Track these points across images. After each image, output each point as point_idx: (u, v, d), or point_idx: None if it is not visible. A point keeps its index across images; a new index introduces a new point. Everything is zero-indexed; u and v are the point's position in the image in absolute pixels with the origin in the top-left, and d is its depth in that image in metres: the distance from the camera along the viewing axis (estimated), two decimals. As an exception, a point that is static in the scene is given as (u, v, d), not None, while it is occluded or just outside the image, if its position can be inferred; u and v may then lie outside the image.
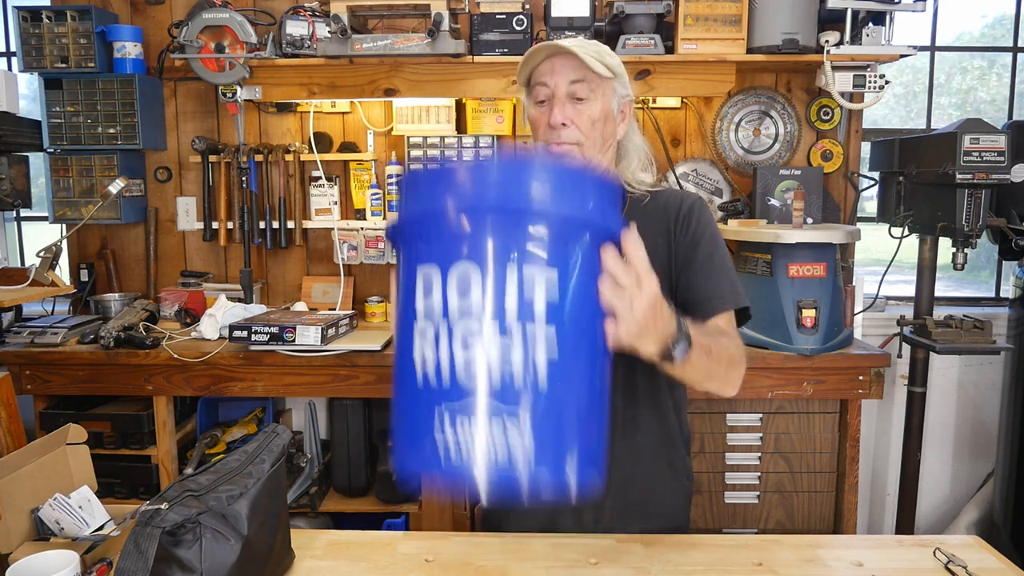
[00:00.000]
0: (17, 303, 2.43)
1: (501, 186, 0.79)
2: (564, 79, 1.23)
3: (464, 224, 0.78)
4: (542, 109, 1.25)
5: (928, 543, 1.22)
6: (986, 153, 2.26)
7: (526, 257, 0.78)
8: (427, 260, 0.80)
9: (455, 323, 0.77)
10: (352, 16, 2.54)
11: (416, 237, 0.83)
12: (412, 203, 0.84)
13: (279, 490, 1.12)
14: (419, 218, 0.82)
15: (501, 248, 0.77)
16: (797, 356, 2.31)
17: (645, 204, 1.30)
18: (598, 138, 1.25)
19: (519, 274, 0.77)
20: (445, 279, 0.78)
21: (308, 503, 2.59)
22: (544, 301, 0.78)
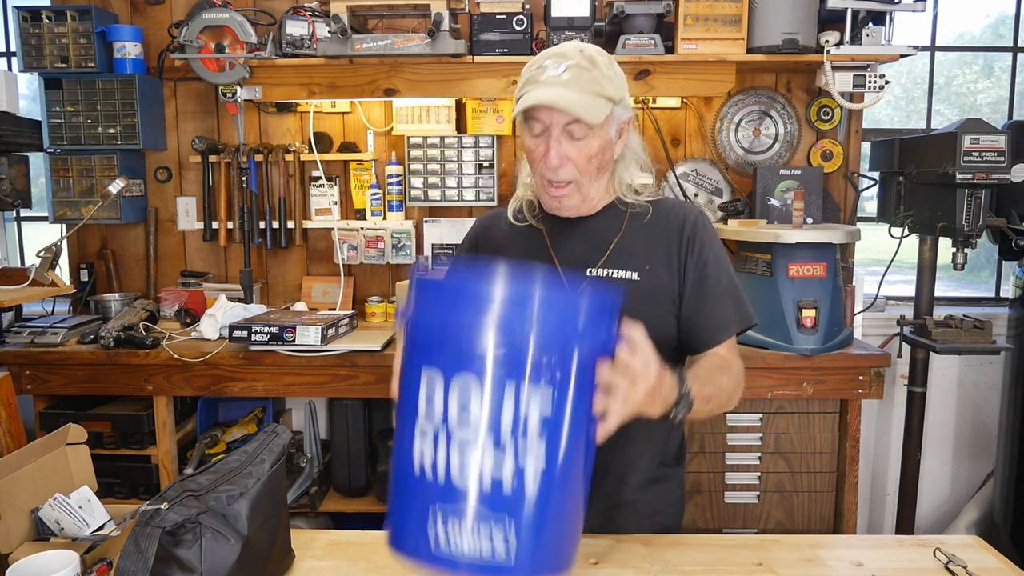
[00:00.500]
0: (17, 303, 2.43)
1: (503, 305, 0.84)
2: (560, 118, 1.17)
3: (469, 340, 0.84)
4: (537, 142, 1.21)
5: (928, 543, 1.22)
6: (986, 153, 2.26)
7: (523, 375, 0.84)
8: (431, 363, 0.86)
9: (453, 431, 0.84)
10: (352, 16, 2.54)
11: (423, 338, 0.89)
12: (422, 306, 0.89)
13: (279, 490, 1.12)
14: (427, 323, 0.87)
15: (501, 365, 0.84)
16: (797, 356, 2.31)
17: (647, 219, 1.29)
18: (594, 171, 1.23)
19: (516, 391, 0.83)
20: (447, 388, 0.84)
21: (308, 503, 2.59)
22: (538, 418, 0.84)
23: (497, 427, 0.83)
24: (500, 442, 0.83)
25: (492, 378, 0.83)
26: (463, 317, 0.84)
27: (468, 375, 0.83)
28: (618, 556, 1.18)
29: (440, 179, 2.81)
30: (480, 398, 0.83)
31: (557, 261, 1.30)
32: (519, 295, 0.84)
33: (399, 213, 2.86)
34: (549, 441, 0.85)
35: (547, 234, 1.32)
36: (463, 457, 0.83)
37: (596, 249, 1.28)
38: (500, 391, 0.83)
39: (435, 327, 0.86)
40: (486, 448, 0.83)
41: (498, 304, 0.84)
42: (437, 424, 0.84)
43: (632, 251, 1.27)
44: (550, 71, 1.17)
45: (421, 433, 0.86)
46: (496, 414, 0.83)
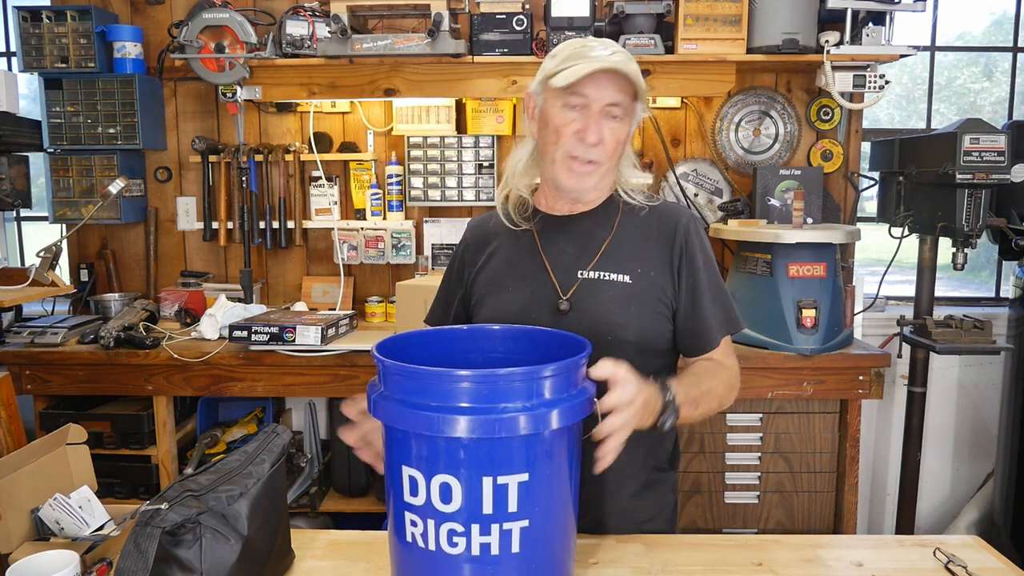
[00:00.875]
0: (17, 303, 2.43)
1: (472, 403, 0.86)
2: (607, 96, 1.19)
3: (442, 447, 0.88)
4: (571, 116, 1.20)
5: (928, 543, 1.22)
6: (986, 153, 2.26)
7: (498, 467, 0.88)
8: (410, 464, 0.90)
9: (439, 523, 0.89)
10: (352, 16, 2.54)
11: (397, 440, 0.92)
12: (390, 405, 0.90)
13: (279, 490, 1.12)
14: (400, 424, 0.90)
15: (475, 465, 0.87)
16: (797, 356, 2.31)
17: (640, 220, 1.29)
18: (615, 159, 1.25)
19: (493, 480, 0.87)
20: (428, 486, 0.88)
21: (308, 503, 2.59)
22: (517, 503, 0.89)
23: (479, 508, 0.88)
24: (484, 518, 0.88)
25: (469, 476, 0.87)
26: (432, 422, 0.86)
27: (446, 476, 0.87)
28: (618, 556, 1.18)
29: (440, 179, 2.81)
30: (460, 491, 0.87)
31: (548, 263, 1.29)
32: (485, 388, 0.86)
33: (399, 213, 2.86)
34: (530, 503, 0.89)
35: (537, 235, 1.31)
36: (452, 546, 0.89)
37: (587, 250, 1.28)
38: (478, 483, 0.87)
39: (408, 432, 0.89)
40: (471, 525, 0.88)
41: (466, 403, 0.86)
42: (422, 507, 0.90)
43: (624, 253, 1.27)
44: (598, 50, 1.19)
45: (411, 523, 0.91)
46: (476, 499, 0.88)
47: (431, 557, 0.90)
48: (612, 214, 1.30)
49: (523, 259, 1.31)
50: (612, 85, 1.19)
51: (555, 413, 0.88)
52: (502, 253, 1.33)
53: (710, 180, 2.90)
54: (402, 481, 0.91)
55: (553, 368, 0.89)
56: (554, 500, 0.93)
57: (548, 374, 0.88)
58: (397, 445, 0.92)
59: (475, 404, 0.85)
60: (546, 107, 1.24)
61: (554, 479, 0.92)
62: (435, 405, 0.86)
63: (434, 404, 0.86)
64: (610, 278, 1.25)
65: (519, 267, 1.30)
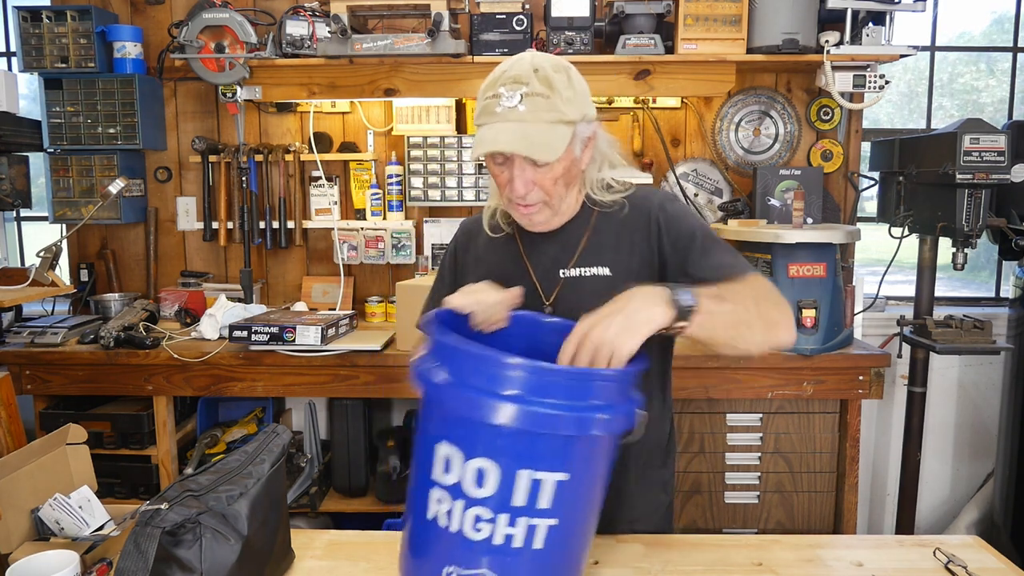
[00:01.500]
0: (17, 303, 2.43)
1: (524, 392, 0.85)
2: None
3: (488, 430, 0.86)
4: (501, 169, 1.19)
5: (928, 543, 1.22)
6: (986, 153, 2.26)
7: (539, 463, 0.87)
8: (451, 441, 0.88)
9: (468, 507, 0.88)
10: (352, 16, 2.54)
11: (441, 413, 0.91)
12: (440, 376, 0.89)
13: (279, 490, 1.12)
14: (447, 398, 0.88)
15: (518, 455, 0.86)
16: (797, 356, 2.31)
17: (617, 210, 1.27)
18: (562, 188, 1.22)
19: (530, 476, 0.86)
20: (464, 465, 0.87)
21: (308, 503, 2.59)
22: (550, 501, 0.88)
23: (510, 500, 0.87)
24: (513, 509, 0.87)
25: (507, 465, 0.86)
26: (482, 403, 0.84)
27: (487, 460, 0.86)
28: (618, 556, 1.18)
29: (440, 179, 2.81)
30: (497, 478, 0.86)
31: (531, 267, 1.29)
32: (540, 381, 0.85)
33: (399, 213, 2.86)
34: (562, 503, 0.88)
35: (520, 240, 1.32)
36: (477, 532, 0.87)
37: (567, 249, 1.27)
38: (514, 474, 0.86)
39: (454, 407, 0.88)
40: (500, 514, 0.87)
41: (519, 391, 0.84)
42: (453, 486, 0.88)
43: (603, 247, 1.26)
44: (504, 101, 1.13)
45: (436, 501, 0.90)
46: (510, 491, 0.86)
47: (450, 538, 0.89)
48: (588, 216, 1.29)
49: (507, 264, 1.32)
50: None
51: (607, 419, 0.87)
52: (488, 257, 1.35)
53: (710, 180, 2.90)
54: (435, 457, 0.89)
55: (611, 374, 0.89)
56: (584, 503, 0.93)
57: (604, 379, 0.88)
58: (439, 420, 0.90)
59: (529, 395, 0.84)
60: (487, 164, 1.24)
61: (588, 483, 0.92)
62: (489, 388, 0.85)
63: (486, 387, 0.85)
64: (591, 272, 1.25)
65: (503, 272, 1.30)
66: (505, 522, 0.87)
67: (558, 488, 0.87)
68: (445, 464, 0.89)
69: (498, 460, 0.86)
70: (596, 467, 0.92)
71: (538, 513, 0.88)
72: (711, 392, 2.34)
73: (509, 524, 0.87)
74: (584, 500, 0.92)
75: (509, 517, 0.87)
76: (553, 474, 0.87)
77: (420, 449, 0.93)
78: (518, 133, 1.12)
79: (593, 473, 0.92)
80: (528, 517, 0.87)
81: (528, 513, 0.87)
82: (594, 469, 0.92)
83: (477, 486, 0.87)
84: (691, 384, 2.34)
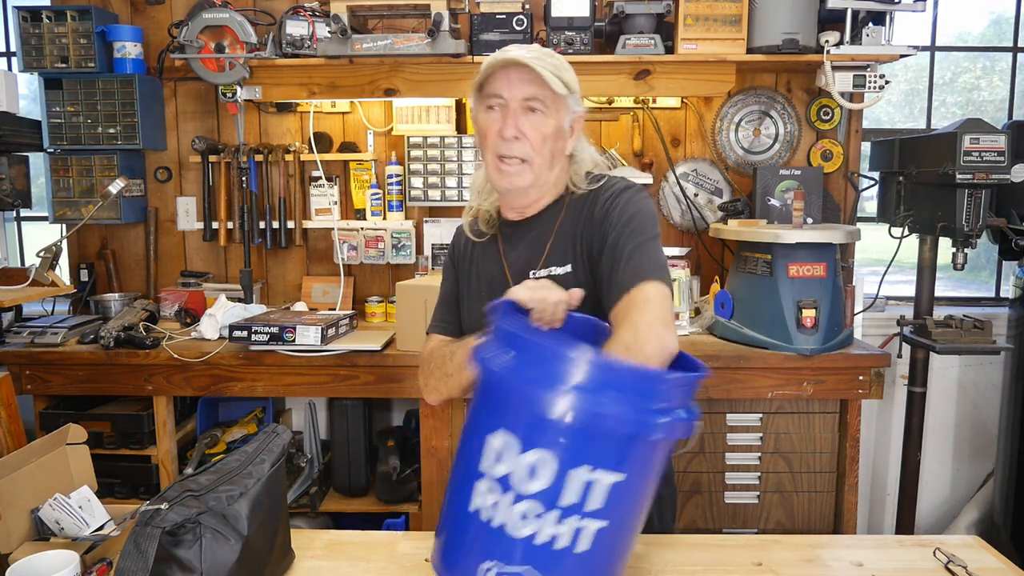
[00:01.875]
0: (17, 303, 2.43)
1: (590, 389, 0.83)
2: (520, 91, 1.20)
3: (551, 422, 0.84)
4: (492, 116, 1.23)
5: (928, 543, 1.22)
6: (986, 153, 2.26)
7: (597, 460, 0.85)
8: (508, 429, 0.87)
9: (517, 501, 0.85)
10: (352, 16, 2.54)
11: (503, 399, 0.89)
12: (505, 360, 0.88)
13: (279, 490, 1.12)
14: (511, 384, 0.87)
15: (577, 451, 0.84)
16: (797, 356, 2.31)
17: (581, 207, 1.28)
18: (547, 155, 1.24)
19: (585, 474, 0.84)
20: (520, 455, 0.85)
21: (308, 503, 2.59)
22: (602, 502, 0.86)
23: (560, 497, 0.85)
24: (564, 507, 0.85)
25: (565, 459, 0.84)
26: (547, 393, 0.83)
27: (545, 452, 0.84)
28: (618, 556, 1.18)
29: (440, 179, 2.81)
30: (551, 473, 0.84)
31: (507, 269, 1.31)
32: (606, 377, 0.84)
33: (399, 213, 2.86)
34: (614, 505, 0.87)
35: (500, 242, 1.34)
36: (524, 528, 0.85)
37: (537, 250, 1.29)
38: (568, 471, 0.84)
39: (518, 394, 0.86)
40: (549, 511, 0.85)
41: (585, 385, 0.83)
42: (503, 478, 0.86)
43: (566, 244, 1.27)
44: (512, 51, 1.20)
45: (481, 493, 0.88)
46: (561, 487, 0.85)
47: (492, 533, 0.87)
48: (558, 211, 1.30)
49: (490, 266, 1.34)
50: (524, 81, 1.21)
51: (670, 424, 0.86)
52: (478, 260, 1.37)
53: (710, 180, 2.90)
54: (485, 447, 0.88)
55: (679, 378, 0.88)
56: (635, 507, 0.92)
57: (672, 382, 0.87)
58: (498, 408, 0.89)
59: (592, 390, 0.83)
60: (475, 114, 1.28)
61: (641, 487, 0.90)
62: (552, 380, 0.83)
63: (551, 379, 0.84)
64: (555, 272, 1.26)
65: (487, 274, 1.34)
66: (553, 520, 0.85)
67: (612, 489, 0.86)
68: (497, 455, 0.87)
69: (555, 454, 0.84)
70: (651, 471, 0.91)
71: (588, 514, 0.86)
72: (711, 392, 2.34)
73: (557, 522, 0.85)
74: (635, 504, 0.91)
75: (559, 515, 0.85)
76: (609, 474, 0.85)
77: (469, 438, 0.91)
78: (530, 55, 1.19)
79: (647, 477, 0.91)
80: (578, 517, 0.85)
81: (578, 512, 0.85)
82: (649, 473, 0.91)
83: (529, 479, 0.84)
84: (691, 384, 2.33)
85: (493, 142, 1.23)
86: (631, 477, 0.87)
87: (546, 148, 1.23)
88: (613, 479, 0.85)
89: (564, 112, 1.24)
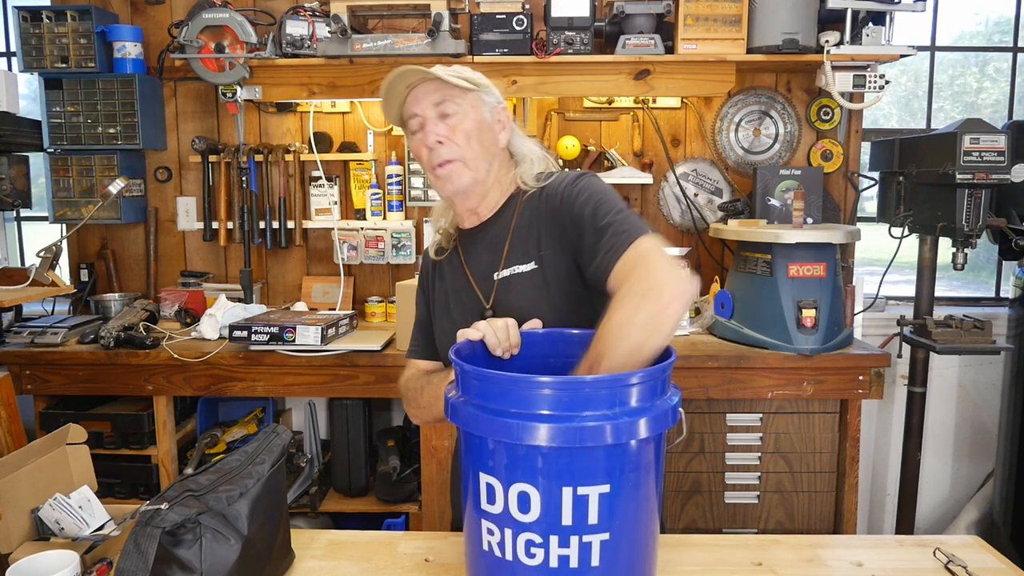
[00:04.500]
0: (17, 303, 2.43)
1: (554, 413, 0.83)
2: (428, 102, 1.25)
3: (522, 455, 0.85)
4: (418, 137, 1.27)
5: (928, 543, 1.22)
6: (986, 153, 2.26)
7: (578, 478, 0.85)
8: (488, 471, 0.88)
9: (517, 533, 0.87)
10: (352, 16, 2.54)
11: (476, 445, 0.90)
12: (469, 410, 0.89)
13: (279, 490, 1.12)
14: (478, 430, 0.88)
15: (556, 475, 0.85)
16: (797, 356, 2.31)
17: (535, 203, 1.28)
18: (479, 150, 1.26)
19: (573, 491, 0.85)
20: (506, 494, 0.86)
21: (308, 503, 2.59)
22: (598, 515, 0.86)
23: (557, 519, 0.85)
24: (563, 529, 0.86)
25: (548, 485, 0.85)
26: (506, 430, 0.84)
27: (524, 484, 0.85)
28: (618, 556, 1.18)
29: (440, 179, 2.80)
30: (539, 501, 0.85)
31: (470, 275, 1.32)
32: (567, 396, 0.84)
33: (399, 213, 2.86)
34: (611, 515, 0.87)
35: (461, 251, 1.35)
36: (528, 545, 0.86)
37: (496, 251, 1.29)
38: (557, 493, 0.85)
39: (482, 436, 0.87)
40: (549, 536, 0.86)
41: (543, 407, 0.83)
42: (500, 515, 0.88)
43: (526, 241, 1.26)
44: (401, 67, 1.23)
45: (488, 531, 0.89)
46: (555, 511, 0.85)
47: (508, 567, 0.88)
48: (511, 211, 1.31)
49: (455, 277, 1.35)
50: (429, 91, 1.25)
51: (641, 422, 0.85)
52: (441, 274, 1.39)
53: (710, 180, 2.90)
54: (480, 488, 0.89)
55: (640, 376, 0.86)
56: (636, 512, 0.90)
57: (635, 382, 0.86)
58: (475, 451, 0.90)
59: (557, 412, 0.83)
60: (410, 147, 1.35)
61: (636, 490, 0.89)
62: (515, 412, 0.84)
63: (514, 411, 0.84)
64: (519, 271, 1.26)
65: (453, 285, 1.35)
66: (557, 544, 0.86)
67: (602, 501, 0.85)
68: (489, 493, 0.88)
69: (537, 482, 0.85)
70: (642, 474, 0.89)
71: (589, 530, 0.86)
72: (711, 392, 2.34)
73: (561, 545, 0.86)
74: (635, 510, 0.90)
75: (559, 538, 0.86)
76: (595, 487, 0.85)
77: (466, 475, 0.93)
78: (421, 66, 1.24)
79: (640, 480, 0.89)
80: (579, 535, 0.86)
81: (577, 531, 0.86)
82: (640, 476, 0.89)
83: (522, 512, 0.85)
84: (691, 384, 2.34)
85: (426, 157, 1.27)
86: (618, 485, 0.87)
87: (473, 143, 1.25)
88: (601, 491, 0.85)
89: (480, 106, 1.27)
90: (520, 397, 0.84)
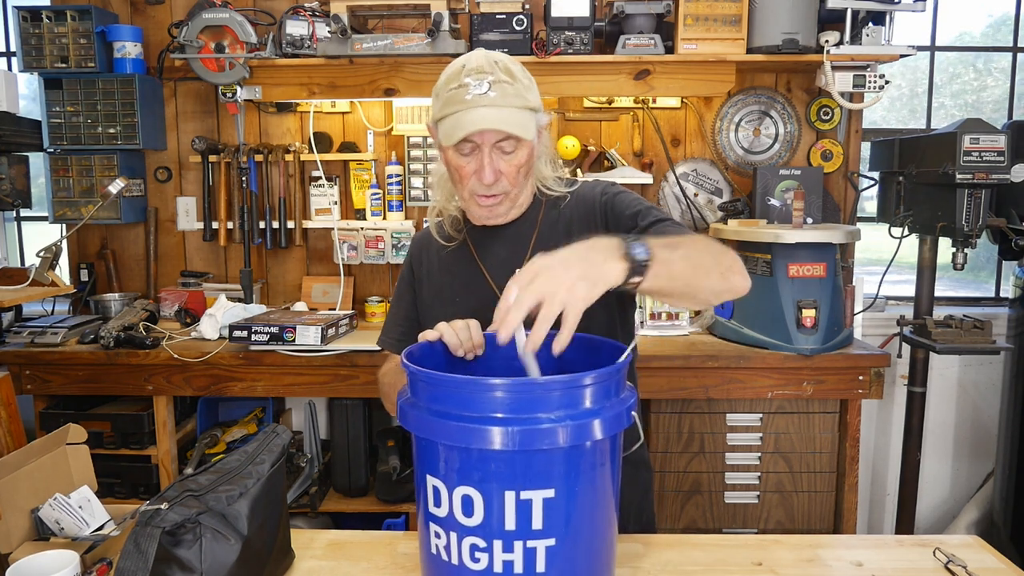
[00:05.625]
0: (17, 303, 2.43)
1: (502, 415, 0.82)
2: (492, 136, 1.18)
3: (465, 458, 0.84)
4: (467, 160, 1.21)
5: (928, 543, 1.22)
6: (986, 153, 2.26)
7: (522, 483, 0.84)
8: (433, 475, 0.88)
9: (462, 537, 0.86)
10: (352, 16, 2.54)
11: (422, 449, 0.90)
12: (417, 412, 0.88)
13: (279, 490, 1.12)
14: (424, 432, 0.87)
15: (500, 478, 0.84)
16: (797, 356, 2.31)
17: (564, 207, 1.30)
18: (523, 179, 1.25)
19: (516, 497, 0.84)
20: (451, 497, 0.86)
21: (308, 503, 2.59)
22: (542, 520, 0.85)
23: (500, 525, 0.85)
24: (505, 534, 0.85)
25: (490, 489, 0.84)
26: (446, 432, 0.83)
27: (468, 488, 0.85)
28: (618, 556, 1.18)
29: (440, 179, 2.80)
30: (481, 505, 0.84)
31: (486, 271, 1.30)
32: (518, 398, 0.82)
33: (399, 213, 2.86)
34: (556, 520, 0.86)
35: (472, 246, 1.33)
36: (472, 549, 0.86)
37: (519, 247, 1.29)
38: (500, 497, 0.84)
39: (433, 442, 0.87)
40: (493, 541, 0.85)
41: (483, 409, 0.82)
42: (445, 518, 0.87)
43: (554, 240, 1.26)
44: (473, 89, 1.16)
45: (435, 535, 0.89)
46: (498, 515, 0.84)
47: (455, 571, 0.88)
48: (536, 212, 1.31)
49: (463, 270, 1.33)
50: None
51: (595, 424, 0.83)
52: (444, 267, 1.35)
53: (710, 180, 2.90)
54: (427, 491, 0.89)
55: (593, 376, 0.84)
56: (585, 518, 0.88)
57: (588, 383, 0.84)
58: (424, 454, 0.89)
59: (507, 415, 0.81)
60: (442, 149, 1.25)
61: (585, 495, 0.87)
62: (459, 414, 0.83)
63: (458, 413, 0.83)
64: None
65: (461, 278, 1.32)
66: (500, 548, 0.85)
67: (546, 506, 0.84)
68: (435, 497, 0.88)
69: (478, 486, 0.84)
70: (591, 478, 0.87)
71: (532, 535, 0.84)
72: (711, 392, 2.34)
73: (505, 550, 0.85)
74: (585, 515, 0.88)
75: (503, 543, 0.85)
76: (537, 492, 0.84)
77: (417, 480, 0.93)
78: (498, 115, 1.16)
79: (589, 485, 0.87)
80: (523, 541, 0.85)
81: (521, 536, 0.84)
82: (590, 480, 0.87)
83: (465, 515, 0.85)
84: (691, 384, 2.34)
85: (470, 182, 1.22)
86: (562, 490, 0.85)
87: (521, 175, 1.24)
88: (544, 495, 0.84)
89: (532, 132, 1.22)
90: (466, 400, 0.83)
